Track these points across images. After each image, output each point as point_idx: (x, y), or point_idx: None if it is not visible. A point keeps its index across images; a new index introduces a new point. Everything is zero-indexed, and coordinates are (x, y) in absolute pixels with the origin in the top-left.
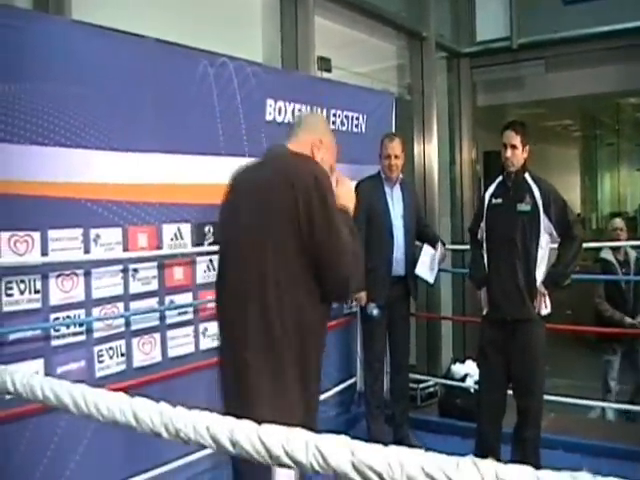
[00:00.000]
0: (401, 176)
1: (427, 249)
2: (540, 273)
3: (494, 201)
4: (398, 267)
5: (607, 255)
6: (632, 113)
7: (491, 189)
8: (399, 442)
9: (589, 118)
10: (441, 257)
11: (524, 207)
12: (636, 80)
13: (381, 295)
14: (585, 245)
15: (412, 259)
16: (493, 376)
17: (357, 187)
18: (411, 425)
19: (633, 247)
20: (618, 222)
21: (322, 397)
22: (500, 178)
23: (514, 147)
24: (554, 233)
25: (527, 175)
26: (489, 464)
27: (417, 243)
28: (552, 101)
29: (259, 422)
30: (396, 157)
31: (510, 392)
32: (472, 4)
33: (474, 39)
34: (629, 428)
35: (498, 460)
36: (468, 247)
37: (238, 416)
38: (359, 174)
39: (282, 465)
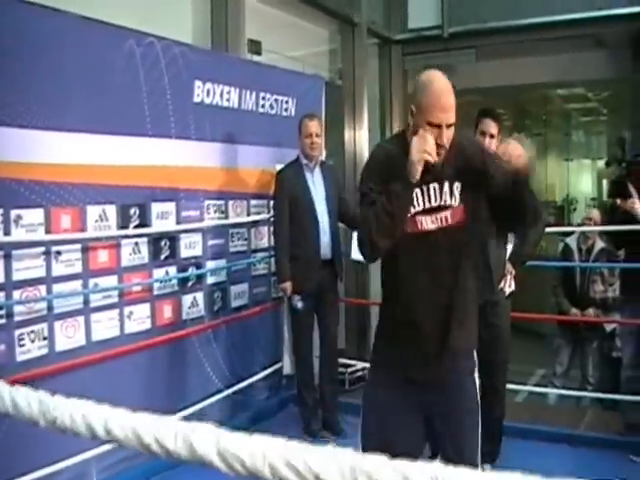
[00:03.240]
0: (321, 158)
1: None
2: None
3: None
4: (325, 251)
5: (570, 241)
6: (559, 104)
7: None
8: (329, 426)
9: (518, 108)
10: None
11: None
12: (563, 72)
13: (312, 280)
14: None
15: (337, 241)
16: None
17: (278, 175)
18: (340, 409)
19: (601, 237)
20: (594, 213)
21: (250, 381)
22: None
23: (492, 136)
24: None
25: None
26: (348, 453)
27: (341, 225)
28: (483, 90)
29: None
30: (317, 136)
31: None
32: None
33: (406, 26)
34: (554, 411)
35: None
36: None
37: None
38: (287, 158)
39: None
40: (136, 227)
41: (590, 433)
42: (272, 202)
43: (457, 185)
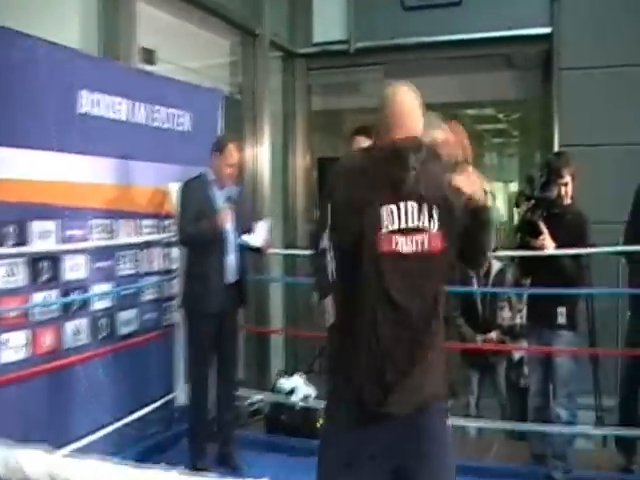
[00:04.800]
0: None
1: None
2: None
3: None
4: (231, 272)
5: None
6: (470, 125)
7: None
8: (225, 461)
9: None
10: (268, 226)
11: None
12: (473, 92)
13: (215, 302)
14: None
15: (244, 264)
16: None
17: (184, 188)
18: (237, 443)
19: (498, 258)
20: None
21: (140, 414)
22: None
23: None
24: None
25: None
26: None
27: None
28: None
29: None
30: (238, 166)
31: None
32: (309, 3)
33: (311, 40)
34: (463, 442)
35: None
36: (301, 252)
37: None
38: (184, 175)
39: None
40: (13, 247)
41: (497, 464)
42: (175, 217)
43: (435, 208)
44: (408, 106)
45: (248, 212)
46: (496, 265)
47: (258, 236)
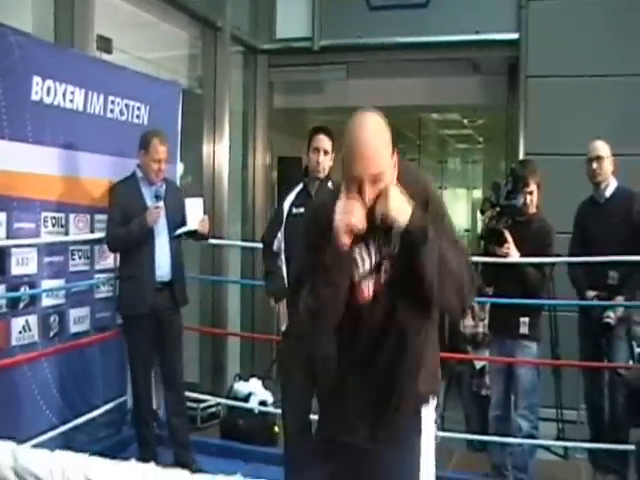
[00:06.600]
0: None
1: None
2: None
3: (295, 210)
4: (162, 272)
5: None
6: (434, 129)
7: (291, 197)
8: (178, 466)
9: (392, 131)
10: (200, 204)
11: None
12: (438, 96)
13: (145, 302)
14: None
15: (178, 263)
16: (299, 395)
17: (112, 188)
18: (190, 448)
19: None
20: None
21: (90, 416)
22: (301, 186)
23: (326, 152)
24: None
25: (330, 183)
26: (149, 468)
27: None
28: (353, 109)
29: None
30: (165, 161)
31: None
32: None
33: (273, 35)
34: None
35: None
36: (260, 251)
37: None
38: None
39: None
40: None
41: (457, 475)
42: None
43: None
44: (365, 132)
45: (179, 206)
46: None
47: (191, 217)
